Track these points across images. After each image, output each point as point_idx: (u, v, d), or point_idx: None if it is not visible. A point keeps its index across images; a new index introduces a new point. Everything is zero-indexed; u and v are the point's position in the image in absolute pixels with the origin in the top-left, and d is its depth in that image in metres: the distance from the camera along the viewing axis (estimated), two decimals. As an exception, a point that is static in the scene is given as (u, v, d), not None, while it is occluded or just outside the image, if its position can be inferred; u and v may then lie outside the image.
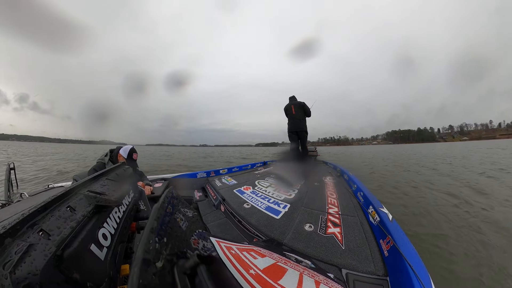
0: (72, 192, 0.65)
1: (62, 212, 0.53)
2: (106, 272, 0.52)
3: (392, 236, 1.16)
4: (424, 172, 7.85)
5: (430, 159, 13.22)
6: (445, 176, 6.74)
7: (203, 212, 2.22)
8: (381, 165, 10.76)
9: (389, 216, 1.42)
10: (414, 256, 0.96)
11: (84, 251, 0.49)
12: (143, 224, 0.90)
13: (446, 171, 7.80)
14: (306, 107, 4.73)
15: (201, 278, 0.42)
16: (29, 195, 2.20)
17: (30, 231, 0.42)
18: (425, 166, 9.63)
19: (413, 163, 11.35)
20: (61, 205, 0.55)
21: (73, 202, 0.59)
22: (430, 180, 6.08)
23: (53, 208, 0.53)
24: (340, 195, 2.36)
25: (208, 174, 3.68)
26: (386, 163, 11.48)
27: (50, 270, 0.37)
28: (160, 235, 0.44)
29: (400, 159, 14.66)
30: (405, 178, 6.53)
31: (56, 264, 0.39)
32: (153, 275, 0.33)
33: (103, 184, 0.87)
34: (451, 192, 4.52)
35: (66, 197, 0.60)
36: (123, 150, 2.16)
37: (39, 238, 0.41)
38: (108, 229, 0.63)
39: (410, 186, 5.39)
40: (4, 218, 1.24)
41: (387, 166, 10.06)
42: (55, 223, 0.48)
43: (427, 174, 7.26)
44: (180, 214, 0.65)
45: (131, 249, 0.77)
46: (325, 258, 1.16)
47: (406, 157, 15.98)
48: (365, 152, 30.98)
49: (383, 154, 22.64)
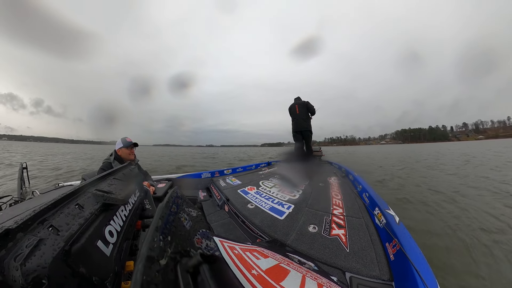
0: (81, 190, 0.68)
1: (71, 210, 0.56)
2: (112, 267, 0.55)
3: (399, 239, 1.14)
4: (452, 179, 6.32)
5: (455, 160, 11.70)
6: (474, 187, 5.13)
7: (207, 212, 2.24)
8: (397, 168, 9.45)
9: (396, 219, 1.39)
10: (421, 261, 0.94)
11: (91, 247, 0.51)
12: (148, 223, 0.93)
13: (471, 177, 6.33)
14: (310, 105, 4.69)
15: (203, 277, 0.43)
16: (40, 193, 2.31)
17: (41, 226, 0.45)
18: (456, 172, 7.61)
19: (438, 164, 10.12)
20: (70, 203, 0.58)
21: (81, 200, 0.62)
22: (459, 191, 4.69)
23: (63, 205, 0.56)
24: (345, 196, 2.33)
25: (213, 174, 3.70)
26: (402, 166, 10.06)
27: (58, 264, 0.40)
28: (164, 234, 0.45)
29: (416, 160, 13.24)
30: (432, 187, 5.23)
31: (64, 259, 0.41)
32: (157, 272, 0.34)
33: (110, 183, 0.91)
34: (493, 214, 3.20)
35: (75, 195, 0.63)
36: (117, 144, 2.24)
37: (48, 234, 0.44)
38: (115, 227, 0.66)
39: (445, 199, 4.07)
40: (17, 214, 1.30)
41: (404, 170, 8.69)
42: (64, 219, 0.51)
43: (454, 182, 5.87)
44: (184, 214, 0.66)
45: (136, 246, 0.80)
46: (328, 260, 1.15)
47: (424, 158, 14.11)
48: (373, 153, 28.47)
49: (395, 155, 20.26)
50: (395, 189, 5.33)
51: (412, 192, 4.87)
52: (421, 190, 5.12)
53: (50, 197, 0.60)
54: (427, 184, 5.69)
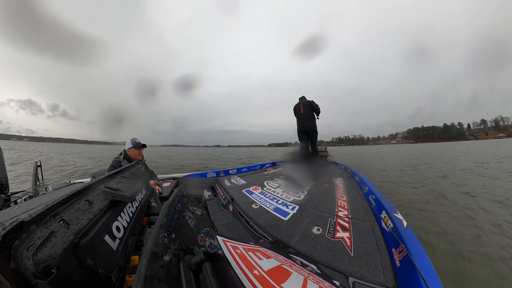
0: (91, 187, 0.72)
1: (81, 205, 0.59)
2: (117, 261, 0.58)
3: (406, 245, 1.10)
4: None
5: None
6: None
7: (212, 211, 2.26)
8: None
9: (404, 223, 1.35)
10: (428, 268, 0.90)
11: (98, 241, 0.55)
12: (153, 220, 0.96)
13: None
14: (314, 104, 4.66)
15: (205, 274, 0.43)
16: (53, 189, 2.44)
17: (53, 220, 0.48)
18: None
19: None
20: (81, 199, 0.62)
21: (91, 197, 0.66)
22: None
23: (74, 201, 0.59)
24: (351, 197, 2.29)
25: (218, 174, 3.73)
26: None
27: (67, 255, 0.43)
28: (169, 231, 0.46)
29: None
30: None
31: (73, 251, 0.45)
32: (160, 268, 0.35)
33: (118, 181, 0.96)
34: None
35: (85, 192, 0.67)
36: (126, 145, 2.35)
37: (59, 227, 0.47)
38: (122, 222, 0.70)
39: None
40: (31, 208, 1.37)
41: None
42: (75, 214, 0.54)
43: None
44: (189, 212, 0.68)
45: (141, 242, 0.84)
46: (331, 264, 1.13)
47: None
48: (383, 152, 26.39)
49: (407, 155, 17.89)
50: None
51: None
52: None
53: (62, 193, 0.64)
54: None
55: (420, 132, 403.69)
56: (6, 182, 2.25)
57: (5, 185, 2.23)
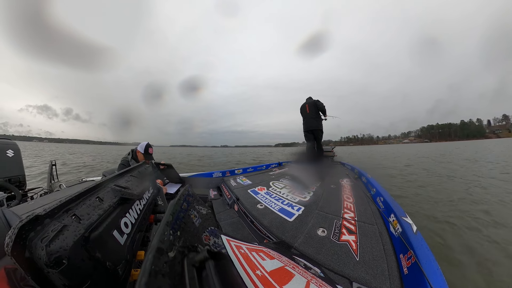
0: (101, 185, 0.76)
1: (92, 202, 0.63)
2: (124, 255, 0.61)
3: (415, 251, 1.06)
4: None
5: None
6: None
7: (217, 210, 2.28)
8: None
9: (413, 228, 1.29)
10: (438, 276, 0.86)
11: (107, 235, 0.58)
12: (160, 217, 1.00)
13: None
14: (319, 103, 4.64)
15: (208, 272, 0.44)
16: (66, 186, 2.60)
17: (65, 214, 0.52)
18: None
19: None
20: (92, 196, 0.66)
21: (101, 194, 0.70)
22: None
23: (85, 197, 0.63)
24: (357, 199, 2.23)
25: (224, 174, 3.76)
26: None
27: (78, 248, 0.46)
28: (174, 229, 0.48)
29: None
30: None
31: (83, 243, 0.48)
32: (165, 263, 0.36)
33: (127, 180, 1.01)
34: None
35: (96, 189, 0.72)
36: (140, 147, 2.48)
37: (71, 221, 0.51)
38: (130, 219, 0.74)
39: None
40: (46, 203, 1.46)
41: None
42: (86, 210, 0.58)
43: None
44: (194, 211, 0.70)
45: (147, 238, 0.88)
46: (336, 267, 1.10)
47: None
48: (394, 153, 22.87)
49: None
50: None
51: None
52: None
53: (74, 190, 0.69)
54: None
55: (435, 130, 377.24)
56: (24, 179, 2.42)
57: (23, 182, 2.39)
